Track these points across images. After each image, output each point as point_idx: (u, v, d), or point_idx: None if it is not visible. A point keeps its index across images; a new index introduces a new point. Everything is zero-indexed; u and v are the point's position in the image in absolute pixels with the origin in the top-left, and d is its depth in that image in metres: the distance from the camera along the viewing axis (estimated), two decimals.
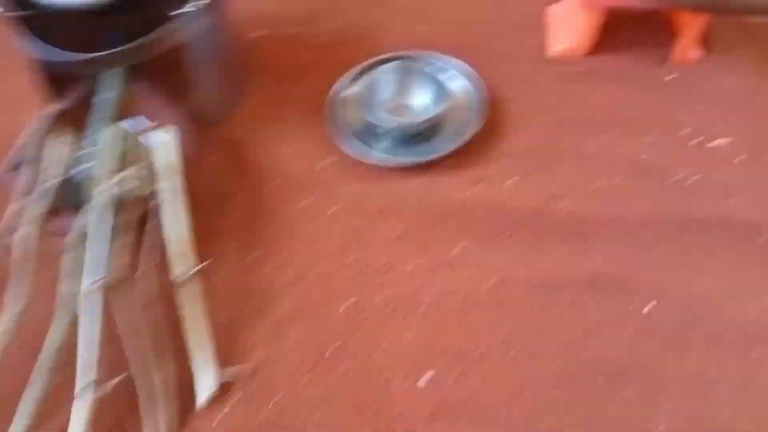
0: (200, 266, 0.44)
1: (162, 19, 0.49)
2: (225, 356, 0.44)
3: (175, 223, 0.46)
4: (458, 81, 0.58)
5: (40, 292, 0.47)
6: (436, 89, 0.56)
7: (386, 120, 0.55)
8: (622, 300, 0.46)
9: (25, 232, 0.45)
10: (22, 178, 0.48)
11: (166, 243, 0.45)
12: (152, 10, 0.50)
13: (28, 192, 0.48)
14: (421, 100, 0.57)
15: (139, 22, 0.50)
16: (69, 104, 0.52)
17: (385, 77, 0.58)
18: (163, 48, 0.49)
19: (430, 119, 0.54)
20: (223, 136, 0.57)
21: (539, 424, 0.41)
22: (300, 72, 0.62)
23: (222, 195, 0.53)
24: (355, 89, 0.59)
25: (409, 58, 0.59)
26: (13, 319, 0.43)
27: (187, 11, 0.48)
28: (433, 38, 0.63)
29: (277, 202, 0.53)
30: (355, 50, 0.63)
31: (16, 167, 0.50)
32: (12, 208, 0.47)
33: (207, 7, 0.50)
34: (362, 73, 0.60)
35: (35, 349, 0.43)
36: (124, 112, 0.55)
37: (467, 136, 0.54)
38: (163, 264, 0.47)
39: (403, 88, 0.58)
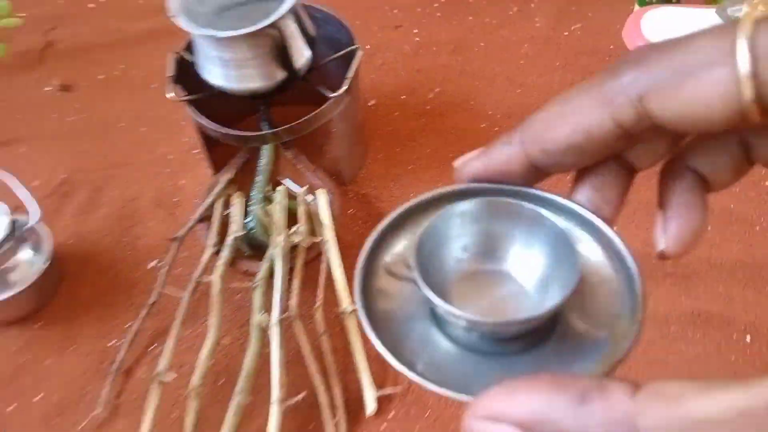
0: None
1: (319, 101, 0.60)
2: (381, 378, 0.54)
3: (336, 268, 0.56)
4: (582, 233, 0.26)
5: (232, 321, 0.59)
6: (549, 242, 0.26)
7: (463, 312, 0.24)
8: (724, 333, 0.55)
9: (219, 274, 0.56)
10: (208, 230, 0.60)
11: (335, 283, 0.56)
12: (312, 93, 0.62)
13: (214, 241, 0.59)
14: (523, 261, 0.27)
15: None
16: (236, 171, 0.64)
17: (459, 221, 0.27)
18: (317, 124, 0.61)
19: (542, 315, 0.23)
20: (355, 193, 0.68)
21: None
22: (412, 136, 0.73)
23: (361, 245, 0.64)
24: (411, 243, 0.28)
25: (495, 192, 0.27)
26: (213, 345, 0.54)
27: (339, 93, 0.60)
28: (528, 101, 0.73)
29: None
30: (458, 115, 0.74)
31: (203, 220, 0.61)
32: (205, 255, 0.58)
33: (351, 86, 0.61)
34: (415, 213, 0.29)
35: (229, 368, 0.54)
36: (277, 175, 0.66)
37: (619, 353, 0.23)
38: (330, 299, 0.58)
39: (489, 239, 0.27)
